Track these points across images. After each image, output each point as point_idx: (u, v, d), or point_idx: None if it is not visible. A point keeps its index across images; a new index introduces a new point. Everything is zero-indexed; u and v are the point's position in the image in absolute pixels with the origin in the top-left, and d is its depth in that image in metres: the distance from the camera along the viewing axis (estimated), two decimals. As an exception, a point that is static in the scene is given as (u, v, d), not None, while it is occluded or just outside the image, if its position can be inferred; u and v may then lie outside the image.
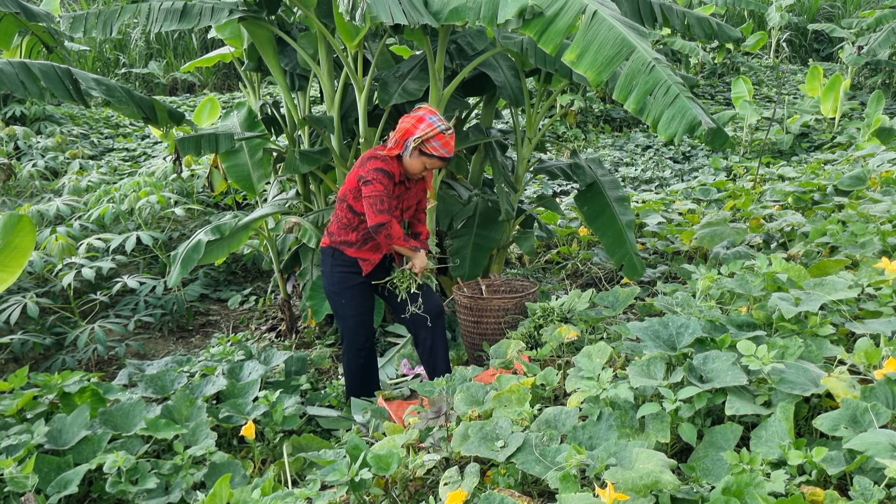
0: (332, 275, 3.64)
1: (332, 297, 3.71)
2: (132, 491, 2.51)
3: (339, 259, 3.60)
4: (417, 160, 3.42)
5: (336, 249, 3.60)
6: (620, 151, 10.04)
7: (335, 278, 3.63)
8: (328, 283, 3.69)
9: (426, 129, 3.34)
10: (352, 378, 3.76)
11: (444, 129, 3.35)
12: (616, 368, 2.62)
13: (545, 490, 2.10)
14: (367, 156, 3.49)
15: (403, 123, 3.39)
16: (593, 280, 5.59)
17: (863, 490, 1.65)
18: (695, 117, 2.87)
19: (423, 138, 3.34)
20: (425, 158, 3.41)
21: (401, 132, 3.39)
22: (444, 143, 3.36)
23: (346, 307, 3.66)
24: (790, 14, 13.48)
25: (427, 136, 3.34)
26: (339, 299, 3.66)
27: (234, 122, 5.00)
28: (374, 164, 3.41)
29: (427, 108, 3.44)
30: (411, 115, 3.41)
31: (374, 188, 3.37)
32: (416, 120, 3.37)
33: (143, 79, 12.46)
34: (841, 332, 2.62)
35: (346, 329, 3.72)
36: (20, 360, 4.76)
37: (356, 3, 3.10)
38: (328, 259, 3.65)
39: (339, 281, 3.62)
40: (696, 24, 4.56)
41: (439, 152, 3.37)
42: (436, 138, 3.34)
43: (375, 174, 3.38)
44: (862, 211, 4.51)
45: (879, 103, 8.61)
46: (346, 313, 3.67)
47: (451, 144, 3.39)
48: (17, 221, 3.53)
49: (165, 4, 4.13)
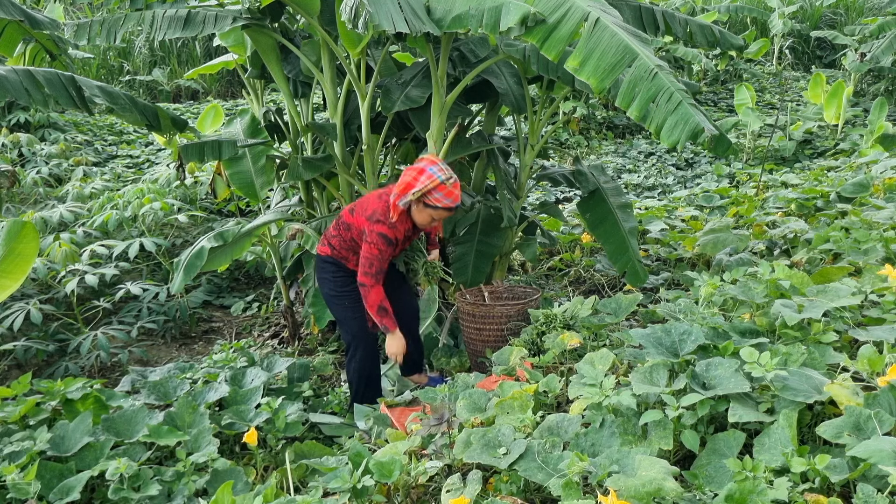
0: (335, 280, 3.70)
1: (333, 301, 3.76)
2: (134, 498, 2.51)
3: (341, 267, 3.68)
4: (423, 212, 3.40)
5: (337, 260, 3.67)
6: (623, 158, 10.04)
7: (338, 283, 3.69)
8: (329, 289, 3.74)
9: (426, 182, 3.28)
10: (358, 381, 3.78)
11: (445, 179, 3.29)
12: (619, 375, 2.62)
13: (548, 497, 2.10)
14: (379, 212, 3.44)
15: (405, 177, 3.35)
16: (596, 287, 5.58)
17: (866, 498, 1.65)
18: (697, 124, 2.87)
19: (423, 191, 3.29)
20: (430, 210, 3.37)
21: (402, 186, 3.34)
22: (447, 193, 3.31)
23: (349, 309, 3.71)
24: (793, 21, 13.48)
25: (427, 189, 3.29)
26: (343, 301, 3.71)
27: (238, 129, 5.01)
28: (379, 229, 3.40)
29: (429, 158, 3.39)
30: (413, 168, 3.35)
31: (370, 251, 3.41)
32: (416, 172, 3.32)
33: (147, 86, 12.51)
34: (844, 339, 2.62)
35: (351, 332, 3.75)
36: (23, 367, 4.77)
37: (358, 11, 3.11)
38: (329, 266, 3.70)
39: (341, 284, 3.68)
40: (698, 31, 4.57)
41: (443, 203, 3.32)
42: (437, 189, 3.29)
43: (377, 238, 3.40)
44: (865, 218, 4.50)
45: (882, 110, 8.60)
46: (349, 315, 3.72)
47: (454, 193, 3.33)
48: (20, 228, 3.54)
49: (169, 12, 4.15)
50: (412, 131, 4.80)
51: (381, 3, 3.23)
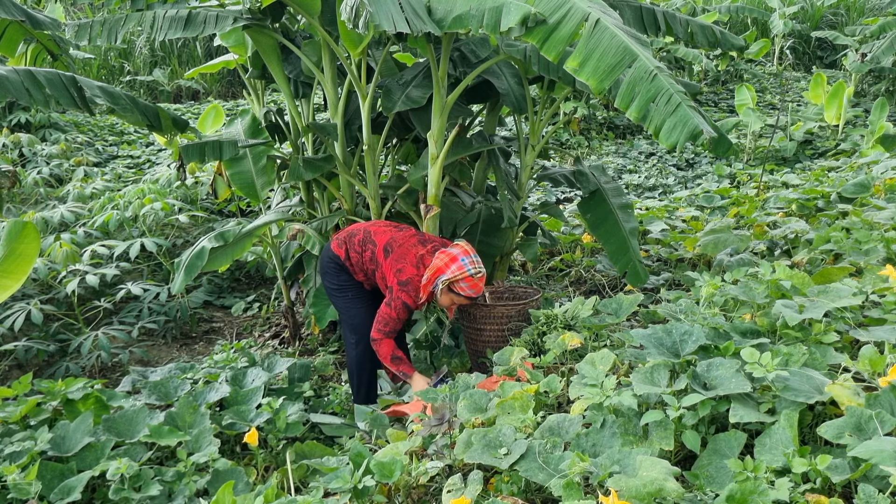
0: (339, 275, 3.77)
1: (336, 294, 3.83)
2: (135, 498, 2.51)
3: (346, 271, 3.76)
4: (446, 296, 3.56)
5: (346, 266, 3.75)
6: (624, 158, 10.04)
7: (342, 277, 3.77)
8: (332, 282, 3.81)
9: (456, 272, 3.45)
10: (359, 373, 3.80)
11: (475, 273, 3.46)
12: (619, 376, 2.62)
13: (548, 498, 2.10)
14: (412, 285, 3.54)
15: (437, 261, 3.51)
16: (597, 287, 5.58)
17: (867, 498, 1.65)
18: (696, 126, 2.88)
19: (452, 280, 3.46)
20: (453, 296, 3.55)
21: (433, 270, 3.50)
22: (472, 284, 3.48)
23: (353, 300, 3.79)
24: (793, 21, 13.47)
25: (456, 279, 3.46)
26: (346, 293, 3.79)
27: (238, 129, 5.01)
28: (406, 298, 3.54)
29: (463, 247, 3.54)
30: (446, 253, 3.51)
31: (389, 313, 3.55)
32: (449, 259, 3.48)
33: (148, 86, 12.51)
34: (845, 339, 2.62)
35: (356, 323, 3.80)
36: (24, 367, 4.77)
37: (359, 12, 3.11)
38: (335, 264, 3.75)
39: (345, 279, 3.77)
40: (699, 32, 4.57)
41: (466, 293, 3.50)
42: (464, 280, 3.46)
43: (400, 305, 3.54)
44: (866, 218, 4.50)
45: (883, 110, 8.60)
46: (351, 307, 3.79)
47: (479, 286, 3.51)
48: (21, 228, 3.54)
49: (170, 12, 4.15)
50: (413, 131, 4.80)
51: (382, 4, 3.23)
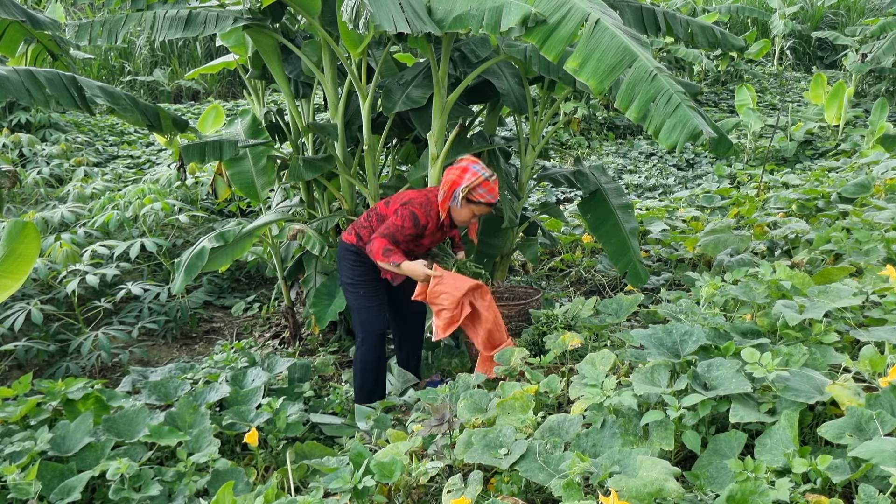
0: (354, 268, 3.79)
1: (349, 288, 3.84)
2: (135, 498, 2.51)
3: (362, 257, 3.76)
4: (466, 209, 3.60)
5: (361, 249, 3.75)
6: (624, 159, 10.04)
7: (356, 271, 3.78)
8: (347, 276, 3.83)
9: (471, 178, 3.51)
10: (362, 372, 3.80)
11: (489, 176, 3.54)
12: (620, 376, 2.62)
13: (549, 498, 2.10)
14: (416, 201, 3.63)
15: (449, 175, 3.56)
16: (597, 287, 5.58)
17: (868, 498, 1.65)
18: (696, 127, 2.87)
19: (470, 187, 3.51)
20: (473, 206, 3.58)
21: (448, 184, 3.56)
22: (489, 189, 3.54)
23: (364, 298, 3.80)
24: (794, 22, 13.47)
25: (473, 185, 3.51)
26: (358, 290, 3.80)
27: (239, 129, 5.01)
28: (414, 209, 3.59)
29: (469, 158, 3.61)
30: (455, 167, 3.58)
31: (394, 220, 3.58)
32: (460, 171, 3.54)
33: (148, 86, 12.51)
34: (845, 339, 2.62)
35: (364, 320, 3.81)
36: (24, 367, 4.77)
37: (360, 12, 3.11)
38: (350, 255, 3.79)
39: (360, 274, 3.78)
40: (699, 32, 4.57)
41: (486, 198, 3.54)
42: (481, 185, 3.52)
43: (407, 213, 3.57)
44: (866, 218, 4.50)
45: (883, 111, 8.59)
46: (364, 304, 3.80)
47: (495, 190, 3.57)
48: (21, 228, 3.54)
49: (170, 13, 4.15)
50: (413, 132, 4.80)
51: (383, 4, 3.23)
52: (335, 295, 4.51)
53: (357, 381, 3.84)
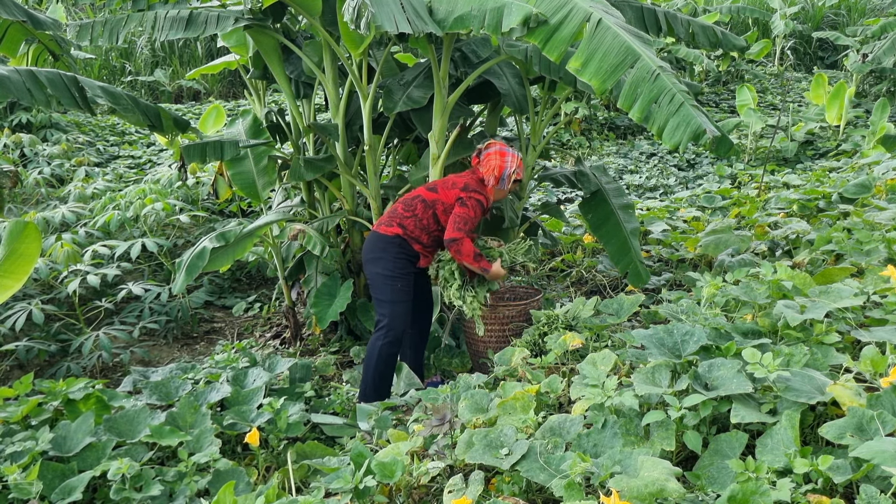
0: (396, 260, 3.81)
1: (387, 281, 3.84)
2: (136, 498, 2.51)
3: (406, 248, 3.82)
4: (503, 189, 3.88)
5: (405, 241, 3.81)
6: (625, 159, 10.03)
7: (398, 264, 3.81)
8: (387, 269, 3.83)
9: (513, 162, 3.81)
10: (377, 361, 3.78)
11: (517, 153, 3.86)
12: (621, 376, 2.62)
13: (550, 498, 2.10)
14: (472, 185, 3.81)
15: (492, 161, 3.81)
16: (598, 288, 5.58)
17: (869, 499, 1.65)
18: (699, 126, 2.87)
19: (515, 169, 3.81)
20: (512, 185, 3.87)
21: (496, 169, 3.81)
22: (520, 164, 3.87)
23: (400, 292, 3.82)
24: (794, 22, 13.46)
25: (516, 168, 3.82)
26: (396, 283, 3.82)
27: (240, 129, 5.01)
28: (477, 196, 3.76)
29: (499, 142, 3.87)
30: (493, 153, 3.83)
31: (466, 211, 3.71)
32: (499, 155, 3.81)
33: (149, 86, 12.52)
34: (846, 339, 2.61)
35: (392, 314, 3.82)
36: (25, 367, 4.77)
37: (361, 12, 3.11)
38: (393, 247, 3.81)
39: (401, 266, 3.82)
40: (700, 32, 4.57)
41: (519, 175, 3.86)
42: (518, 165, 3.84)
43: (474, 203, 3.74)
44: (867, 219, 4.50)
45: (884, 111, 8.59)
46: (398, 298, 3.82)
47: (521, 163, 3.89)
48: (22, 228, 3.54)
49: (171, 13, 4.15)
50: (414, 132, 4.80)
51: (384, 4, 3.23)
52: (336, 295, 4.51)
53: (369, 373, 3.78)
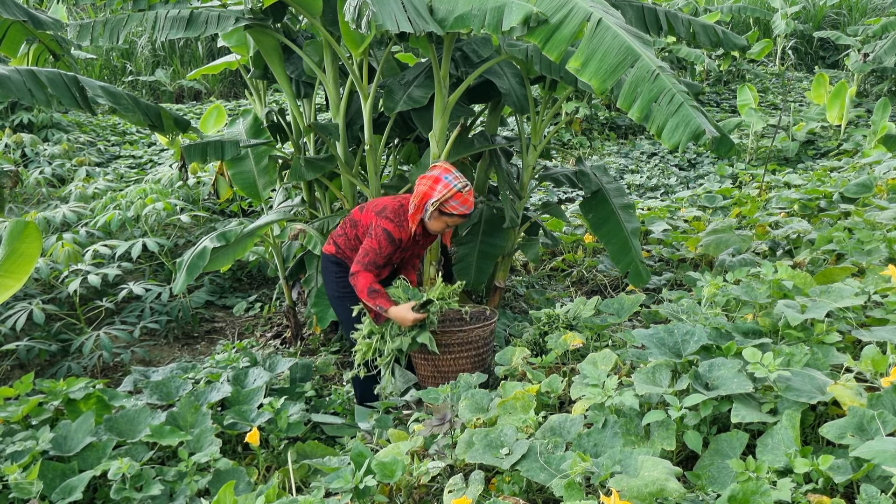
0: (337, 281, 3.71)
1: (336, 301, 3.77)
2: (137, 498, 2.52)
3: (344, 267, 3.67)
4: (438, 220, 3.43)
5: (341, 260, 3.68)
6: (626, 159, 10.03)
7: (340, 283, 3.70)
8: (332, 290, 3.76)
9: (443, 191, 3.32)
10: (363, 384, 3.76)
11: (462, 188, 3.33)
12: (621, 376, 2.62)
13: (550, 498, 2.10)
14: (389, 209, 3.49)
15: (420, 186, 3.38)
16: (598, 287, 5.58)
17: (869, 498, 1.64)
18: (699, 126, 2.87)
19: (442, 200, 3.33)
20: (446, 217, 3.41)
21: (419, 196, 3.38)
22: (463, 200, 3.34)
23: (351, 311, 3.69)
24: (795, 21, 13.45)
25: (445, 198, 3.32)
26: (344, 303, 3.70)
27: (240, 129, 5.01)
28: (385, 224, 3.44)
29: (442, 166, 3.42)
30: (427, 177, 3.39)
31: (370, 243, 3.45)
32: (432, 181, 3.36)
33: (150, 86, 12.52)
34: (847, 339, 2.61)
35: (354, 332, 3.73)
36: (26, 367, 4.77)
37: (362, 11, 3.11)
38: (333, 266, 3.72)
39: (343, 285, 3.67)
40: (701, 32, 4.56)
41: (459, 210, 3.35)
42: (454, 198, 3.33)
43: (380, 232, 3.44)
44: (868, 218, 4.49)
45: (886, 111, 8.58)
46: (353, 317, 3.70)
47: (469, 201, 3.37)
48: (23, 228, 3.54)
49: (172, 13, 4.15)
50: (415, 131, 4.80)
51: (385, 4, 3.23)
52: (336, 295, 4.50)
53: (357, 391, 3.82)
